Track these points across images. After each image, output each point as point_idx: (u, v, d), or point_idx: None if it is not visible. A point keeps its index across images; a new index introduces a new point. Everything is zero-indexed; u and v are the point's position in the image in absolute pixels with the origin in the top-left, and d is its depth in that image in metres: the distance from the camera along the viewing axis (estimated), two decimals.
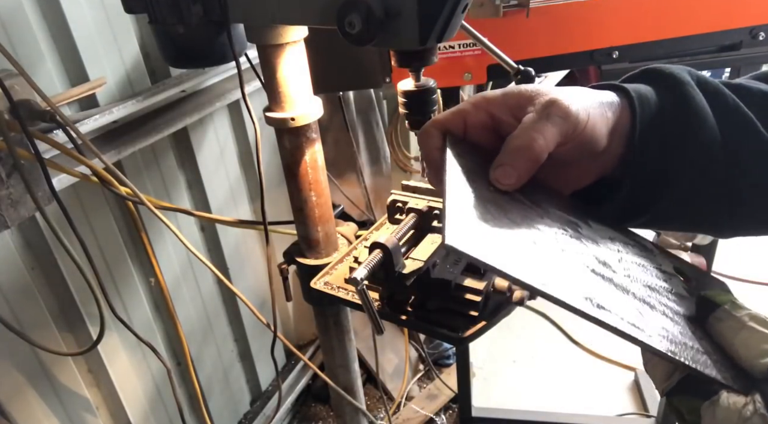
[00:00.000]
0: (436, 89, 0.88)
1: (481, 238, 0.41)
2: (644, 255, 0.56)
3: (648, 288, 0.50)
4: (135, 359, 1.53)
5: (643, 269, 0.53)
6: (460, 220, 0.42)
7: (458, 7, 0.70)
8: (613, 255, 0.51)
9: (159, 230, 1.51)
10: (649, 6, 1.14)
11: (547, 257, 0.44)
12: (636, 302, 0.46)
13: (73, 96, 1.18)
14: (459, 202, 0.44)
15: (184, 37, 0.86)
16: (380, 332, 0.83)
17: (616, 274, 0.48)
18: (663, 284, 0.52)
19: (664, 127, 0.50)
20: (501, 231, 0.43)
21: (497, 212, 0.46)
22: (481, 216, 0.44)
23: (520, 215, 0.47)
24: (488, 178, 0.49)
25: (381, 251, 0.82)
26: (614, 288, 0.46)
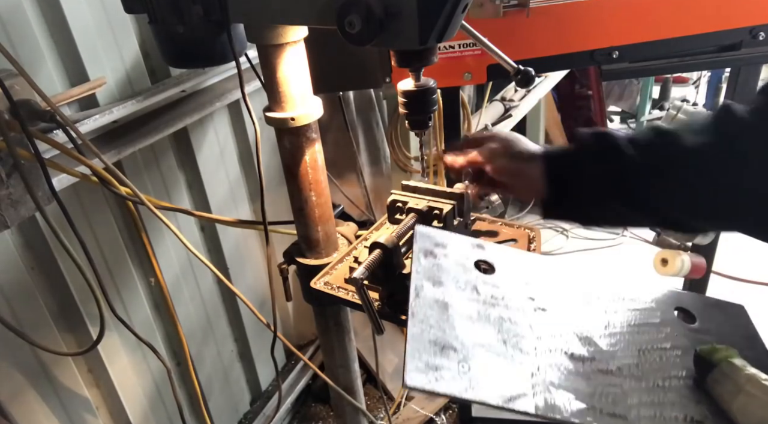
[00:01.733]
0: (436, 89, 0.88)
1: (438, 374, 0.42)
2: (637, 305, 0.53)
3: (640, 353, 0.48)
4: (135, 359, 1.53)
5: (635, 330, 0.51)
6: (418, 361, 0.42)
7: (458, 7, 0.70)
8: (599, 323, 0.50)
9: (159, 230, 1.51)
10: (649, 6, 1.14)
11: (517, 361, 0.44)
12: (619, 379, 0.45)
13: (73, 96, 1.18)
14: (418, 338, 0.44)
15: (184, 37, 0.86)
16: (380, 332, 0.83)
17: (597, 350, 0.47)
18: (659, 343, 0.50)
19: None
20: (462, 357, 0.44)
21: (461, 330, 0.45)
22: (438, 350, 0.44)
23: (479, 321, 0.47)
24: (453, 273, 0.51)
25: (381, 250, 0.81)
26: (590, 375, 0.45)
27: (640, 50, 1.18)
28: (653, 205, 0.76)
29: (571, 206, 0.80)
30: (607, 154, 0.77)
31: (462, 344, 0.45)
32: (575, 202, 0.79)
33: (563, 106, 3.46)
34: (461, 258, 0.55)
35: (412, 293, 0.49)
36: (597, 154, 0.78)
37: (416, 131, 0.94)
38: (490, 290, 0.52)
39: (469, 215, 1.03)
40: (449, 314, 0.48)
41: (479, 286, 0.52)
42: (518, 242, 1.03)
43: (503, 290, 0.52)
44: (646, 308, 0.54)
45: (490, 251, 0.56)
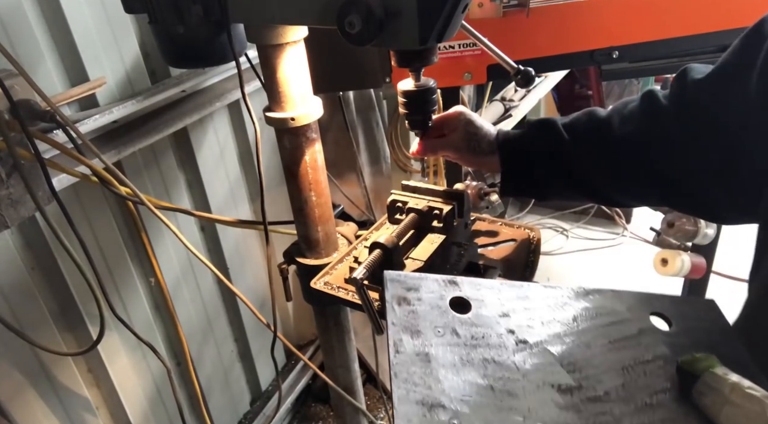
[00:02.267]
0: (436, 89, 0.88)
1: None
2: (613, 318, 0.53)
3: (625, 372, 0.47)
4: (135, 359, 1.52)
5: (616, 347, 0.50)
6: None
7: (458, 7, 0.70)
8: (580, 346, 0.49)
9: (159, 230, 1.51)
10: (649, 6, 1.14)
11: (506, 407, 0.43)
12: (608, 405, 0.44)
13: (73, 96, 1.18)
14: (405, 400, 0.44)
15: (184, 37, 0.86)
16: (380, 332, 0.83)
17: (582, 376, 0.46)
18: (640, 356, 0.49)
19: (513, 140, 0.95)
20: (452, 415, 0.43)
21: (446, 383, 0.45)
22: (427, 411, 0.43)
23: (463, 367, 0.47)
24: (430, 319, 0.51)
25: (381, 250, 0.82)
26: (580, 406, 0.44)
27: (640, 50, 1.18)
28: (587, 184, 0.90)
29: (523, 186, 0.96)
30: (549, 140, 0.90)
31: (450, 399, 0.45)
32: (526, 182, 0.94)
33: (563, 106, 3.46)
34: (436, 300, 0.54)
35: (392, 350, 0.49)
36: (541, 140, 0.91)
37: (416, 131, 0.94)
38: (468, 330, 0.51)
39: (469, 214, 1.03)
40: (432, 366, 0.47)
41: (457, 328, 0.51)
42: (518, 241, 1.03)
43: (482, 328, 0.51)
44: (623, 319, 0.53)
45: (463, 286, 0.56)
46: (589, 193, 0.92)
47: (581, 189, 0.92)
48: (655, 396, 0.47)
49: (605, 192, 0.90)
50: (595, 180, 0.89)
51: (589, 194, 0.93)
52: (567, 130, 0.89)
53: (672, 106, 0.80)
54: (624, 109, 0.85)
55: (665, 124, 0.80)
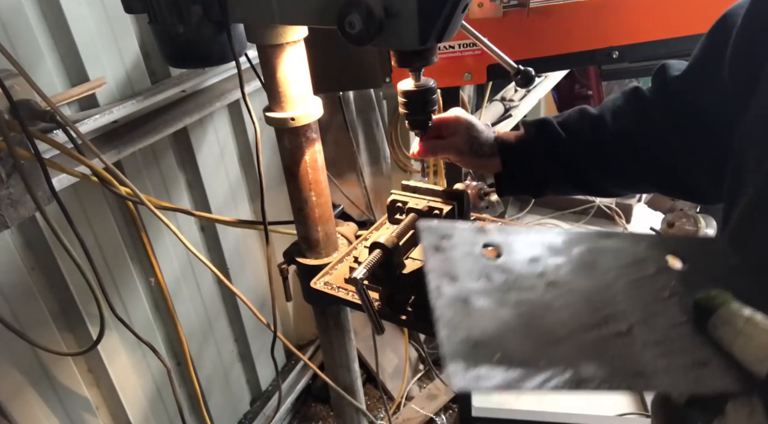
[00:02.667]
0: (436, 89, 0.88)
1: (477, 372, 0.45)
2: (632, 259, 0.57)
3: (645, 308, 0.52)
4: (135, 359, 1.53)
5: (635, 285, 0.54)
6: (457, 364, 0.45)
7: (458, 7, 0.70)
8: (603, 285, 0.54)
9: (159, 230, 1.51)
10: (648, 6, 1.14)
11: (543, 341, 0.48)
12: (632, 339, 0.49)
13: (73, 96, 1.18)
14: (450, 340, 0.47)
15: (184, 37, 0.86)
16: (380, 332, 0.83)
17: (608, 314, 0.51)
18: (658, 293, 0.54)
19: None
20: (494, 350, 0.47)
21: (485, 323, 0.49)
22: (471, 348, 0.47)
23: (500, 307, 0.51)
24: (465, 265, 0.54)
25: (381, 250, 0.82)
26: (607, 340, 0.49)
27: (640, 50, 1.18)
28: (583, 178, 0.94)
29: (522, 184, 0.99)
30: (548, 139, 0.93)
31: (490, 337, 0.48)
32: (525, 180, 0.98)
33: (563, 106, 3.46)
34: (469, 247, 0.57)
35: (433, 295, 0.51)
36: (540, 139, 0.94)
37: (416, 131, 0.94)
38: (501, 274, 0.54)
39: (469, 214, 1.03)
40: (470, 309, 0.51)
41: (490, 273, 0.54)
42: None
43: (514, 272, 0.55)
44: (640, 259, 0.58)
45: (492, 234, 0.59)
46: (585, 186, 0.97)
47: (577, 183, 0.96)
48: (673, 329, 0.51)
49: (600, 184, 0.95)
50: (591, 173, 0.94)
51: (583, 187, 0.97)
52: (562, 128, 0.93)
53: (657, 102, 0.86)
54: (613, 106, 0.91)
55: (653, 117, 0.86)
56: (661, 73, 0.87)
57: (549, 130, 0.93)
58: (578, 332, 0.49)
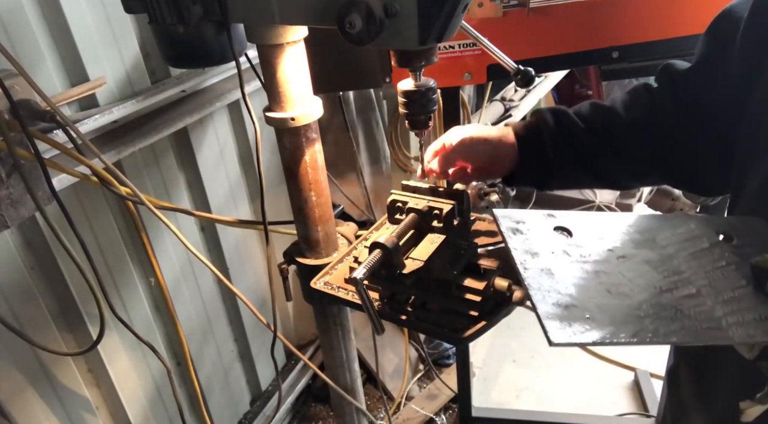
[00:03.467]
0: (436, 89, 0.88)
1: (573, 329, 0.51)
2: (688, 236, 0.64)
3: (707, 274, 0.58)
4: (135, 359, 1.53)
5: (695, 256, 0.61)
6: (554, 322, 0.51)
7: (458, 7, 0.70)
8: (667, 257, 0.61)
9: (159, 230, 1.51)
10: (649, 6, 1.14)
11: (624, 304, 0.54)
12: (702, 299, 0.55)
13: (73, 96, 1.18)
14: (543, 303, 0.53)
15: (184, 37, 0.86)
16: (380, 332, 0.83)
17: (677, 280, 0.58)
18: (716, 262, 0.60)
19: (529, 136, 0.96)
20: (585, 311, 0.53)
21: (572, 289, 0.56)
22: (564, 309, 0.53)
23: (581, 277, 0.58)
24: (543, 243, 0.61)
25: (381, 250, 0.81)
26: (681, 301, 0.55)
27: (640, 50, 1.18)
28: (595, 167, 0.95)
29: (536, 175, 0.98)
30: (564, 127, 0.94)
31: (579, 301, 0.54)
32: (540, 171, 0.97)
33: None
34: (542, 229, 0.65)
35: (520, 267, 0.58)
36: (555, 129, 0.94)
37: (416, 131, 0.94)
38: (576, 250, 0.62)
39: (469, 214, 1.03)
40: (556, 278, 0.57)
41: (567, 249, 0.62)
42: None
43: (587, 248, 0.62)
44: (695, 235, 0.65)
45: (560, 217, 0.67)
46: (596, 176, 0.97)
47: (589, 173, 0.96)
48: (736, 290, 0.57)
49: (611, 175, 0.97)
50: (603, 163, 0.95)
51: (594, 178, 0.98)
52: (578, 118, 0.94)
53: (666, 98, 0.89)
54: (624, 100, 0.93)
55: (663, 111, 0.88)
56: (666, 70, 0.89)
57: (565, 117, 0.94)
58: (654, 295, 0.56)
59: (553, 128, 0.94)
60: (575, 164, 0.95)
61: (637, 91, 0.93)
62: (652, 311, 0.54)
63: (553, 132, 0.94)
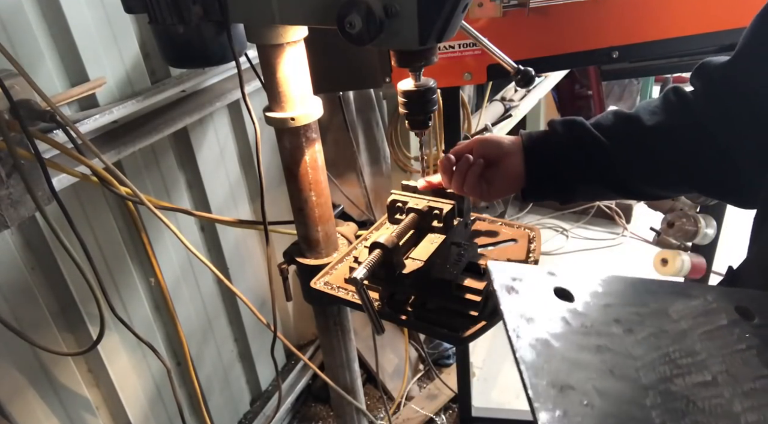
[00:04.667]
0: (436, 89, 0.88)
1: (568, 419, 0.44)
2: (703, 310, 0.57)
3: (724, 359, 0.51)
4: (135, 359, 1.53)
5: (711, 336, 0.54)
6: (546, 409, 0.44)
7: (458, 7, 0.70)
8: (679, 334, 0.53)
9: (159, 230, 1.51)
10: (648, 6, 1.14)
11: (629, 389, 0.47)
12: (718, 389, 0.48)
13: (73, 96, 1.18)
14: (536, 383, 0.46)
15: (184, 37, 0.86)
16: (380, 331, 0.83)
17: (690, 363, 0.50)
18: (735, 345, 0.53)
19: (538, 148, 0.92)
20: (582, 395, 0.46)
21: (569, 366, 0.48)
22: (558, 392, 0.46)
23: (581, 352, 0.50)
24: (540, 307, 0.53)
25: (381, 250, 0.82)
26: (693, 390, 0.48)
27: (640, 50, 1.17)
28: (619, 179, 0.89)
29: (550, 189, 0.93)
30: (577, 139, 0.89)
31: (577, 382, 0.47)
32: (553, 184, 0.92)
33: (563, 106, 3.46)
34: (540, 289, 0.57)
35: (512, 335, 0.51)
36: (569, 140, 0.90)
37: (416, 131, 0.94)
38: (577, 318, 0.54)
39: (469, 214, 1.03)
40: (552, 351, 0.50)
41: (567, 316, 0.54)
42: (518, 242, 1.03)
43: (590, 316, 0.54)
44: (712, 309, 0.57)
45: (562, 277, 0.59)
46: (620, 188, 0.91)
47: (612, 185, 0.91)
48: (758, 381, 0.50)
49: (637, 186, 0.90)
50: (628, 174, 0.89)
51: (619, 190, 0.92)
52: (597, 129, 0.89)
53: (701, 96, 0.82)
54: (649, 106, 0.87)
55: (695, 111, 0.82)
56: (702, 68, 0.82)
57: (580, 130, 0.89)
58: (664, 379, 0.49)
59: (563, 137, 0.90)
60: (592, 175, 0.90)
61: (666, 95, 0.87)
62: (660, 401, 0.47)
63: (562, 141, 0.90)
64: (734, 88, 0.77)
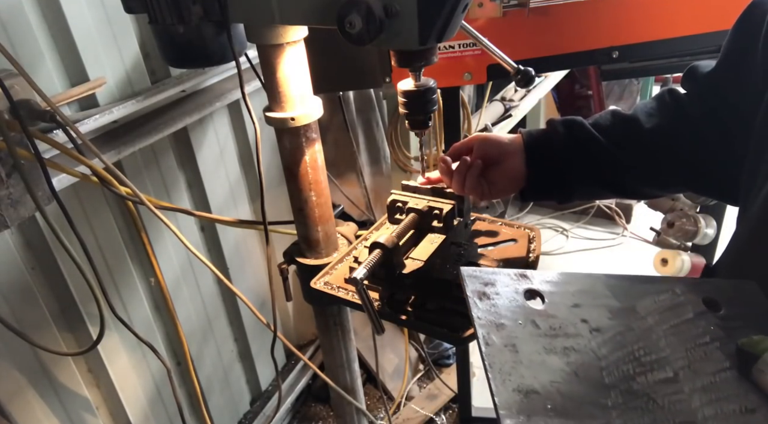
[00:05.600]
0: (436, 89, 0.88)
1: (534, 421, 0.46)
2: (670, 304, 0.58)
3: (688, 353, 0.53)
4: (135, 359, 1.53)
5: (676, 330, 0.55)
6: (510, 415, 0.46)
7: (458, 7, 0.70)
8: (645, 330, 0.55)
9: (159, 230, 1.51)
10: (649, 6, 1.14)
11: (592, 391, 0.48)
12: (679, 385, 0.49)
13: (73, 96, 1.18)
14: (502, 389, 0.48)
15: (184, 37, 0.86)
16: (380, 331, 0.83)
17: (653, 360, 0.52)
18: (699, 338, 0.54)
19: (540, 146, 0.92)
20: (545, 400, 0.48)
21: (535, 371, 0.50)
22: (523, 397, 0.47)
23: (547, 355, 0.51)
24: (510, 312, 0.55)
25: (381, 250, 0.82)
26: (655, 387, 0.49)
27: (640, 50, 1.17)
28: (617, 179, 0.91)
29: (549, 189, 0.94)
30: (578, 140, 0.90)
31: (541, 385, 0.49)
32: (554, 185, 0.93)
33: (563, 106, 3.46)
34: (512, 293, 0.59)
35: (482, 343, 0.52)
36: (570, 140, 0.90)
37: (416, 131, 0.94)
38: (546, 321, 0.55)
39: (469, 214, 1.03)
40: (519, 356, 0.51)
41: (536, 319, 0.55)
42: (518, 242, 1.03)
43: (559, 318, 0.56)
44: (679, 303, 0.58)
45: (534, 279, 0.61)
46: (618, 188, 0.93)
47: (611, 186, 0.93)
48: (718, 375, 0.51)
49: (635, 186, 0.92)
50: (627, 175, 0.91)
51: (617, 190, 0.94)
52: (596, 129, 0.90)
53: (691, 100, 0.85)
54: (646, 108, 0.89)
55: (689, 115, 0.84)
56: (691, 73, 0.86)
57: (580, 130, 0.91)
58: (627, 378, 0.50)
59: (564, 137, 0.91)
60: (592, 175, 0.91)
61: (661, 97, 0.89)
62: (621, 400, 0.48)
63: (563, 141, 0.91)
64: (719, 95, 0.80)
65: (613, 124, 0.90)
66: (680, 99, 0.87)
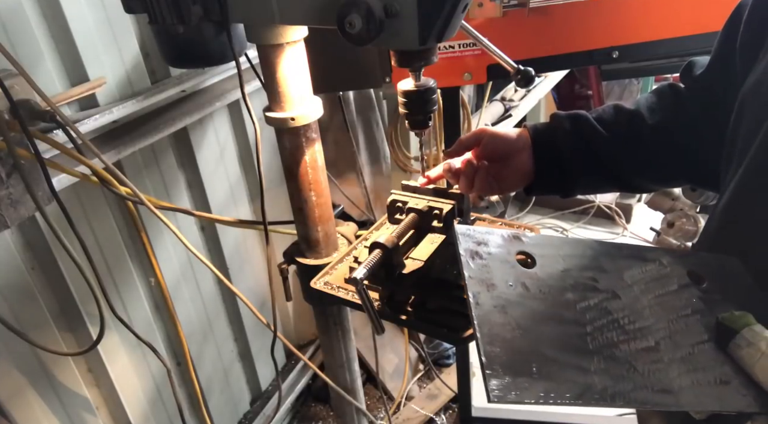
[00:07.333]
0: (436, 89, 0.88)
1: (516, 383, 0.46)
2: (657, 275, 0.59)
3: (670, 324, 0.54)
4: (135, 359, 1.53)
5: (660, 301, 0.56)
6: (495, 375, 0.47)
7: (458, 7, 0.70)
8: (631, 300, 0.56)
9: (159, 230, 1.51)
10: (649, 6, 1.14)
11: (577, 355, 0.49)
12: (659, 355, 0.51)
13: (73, 96, 1.18)
14: (489, 350, 0.48)
15: (184, 37, 0.86)
16: (380, 331, 0.83)
17: (637, 328, 0.53)
18: (681, 310, 0.56)
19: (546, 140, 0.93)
20: (531, 362, 0.48)
21: (522, 333, 0.50)
22: (509, 359, 0.48)
23: (535, 319, 0.52)
24: (501, 273, 0.55)
25: (381, 250, 0.81)
26: (636, 356, 0.50)
27: (640, 50, 1.18)
28: (621, 173, 0.92)
29: (555, 183, 0.95)
30: (583, 134, 0.91)
31: (528, 348, 0.49)
32: (559, 179, 0.94)
33: (563, 106, 3.46)
34: (504, 254, 0.59)
35: (472, 302, 0.52)
36: (576, 135, 0.92)
37: (416, 131, 0.94)
38: (536, 284, 0.56)
39: (469, 214, 1.03)
40: (508, 318, 0.51)
41: (526, 282, 0.56)
42: None
43: (548, 281, 0.56)
44: (665, 275, 0.59)
45: (526, 241, 0.61)
46: (621, 182, 0.96)
47: (613, 179, 0.95)
48: (696, 347, 0.53)
49: (635, 179, 0.94)
50: (628, 168, 0.92)
51: (619, 183, 0.96)
52: (600, 124, 0.91)
53: (690, 95, 0.88)
54: (647, 102, 0.91)
55: (688, 111, 0.87)
56: (688, 69, 0.88)
57: (584, 124, 0.92)
58: (610, 345, 0.51)
59: (570, 133, 0.92)
60: (595, 170, 0.93)
61: (662, 91, 0.91)
62: (603, 366, 0.49)
63: (569, 137, 0.92)
64: (712, 91, 0.83)
65: (617, 120, 0.91)
66: (680, 93, 0.89)
